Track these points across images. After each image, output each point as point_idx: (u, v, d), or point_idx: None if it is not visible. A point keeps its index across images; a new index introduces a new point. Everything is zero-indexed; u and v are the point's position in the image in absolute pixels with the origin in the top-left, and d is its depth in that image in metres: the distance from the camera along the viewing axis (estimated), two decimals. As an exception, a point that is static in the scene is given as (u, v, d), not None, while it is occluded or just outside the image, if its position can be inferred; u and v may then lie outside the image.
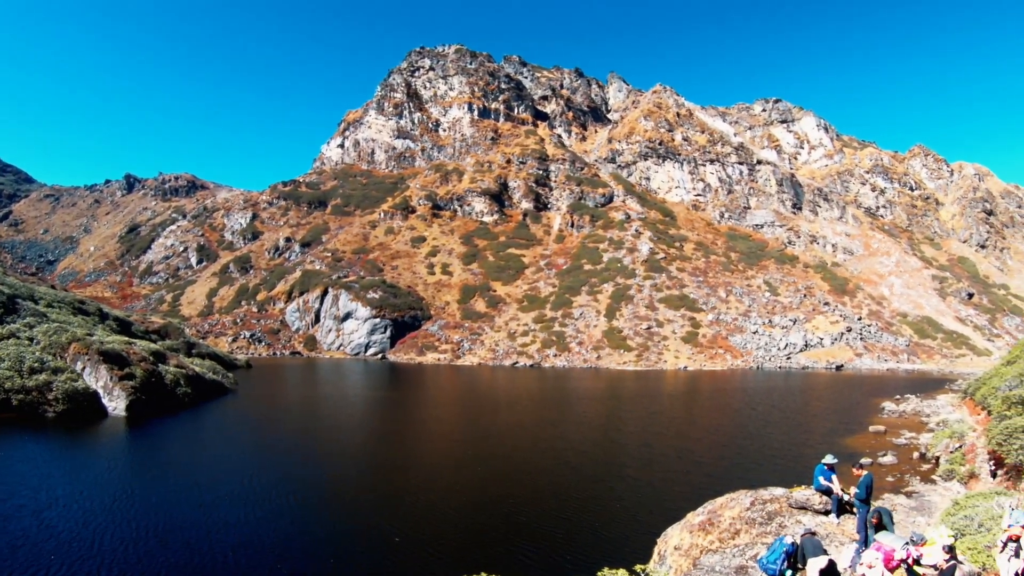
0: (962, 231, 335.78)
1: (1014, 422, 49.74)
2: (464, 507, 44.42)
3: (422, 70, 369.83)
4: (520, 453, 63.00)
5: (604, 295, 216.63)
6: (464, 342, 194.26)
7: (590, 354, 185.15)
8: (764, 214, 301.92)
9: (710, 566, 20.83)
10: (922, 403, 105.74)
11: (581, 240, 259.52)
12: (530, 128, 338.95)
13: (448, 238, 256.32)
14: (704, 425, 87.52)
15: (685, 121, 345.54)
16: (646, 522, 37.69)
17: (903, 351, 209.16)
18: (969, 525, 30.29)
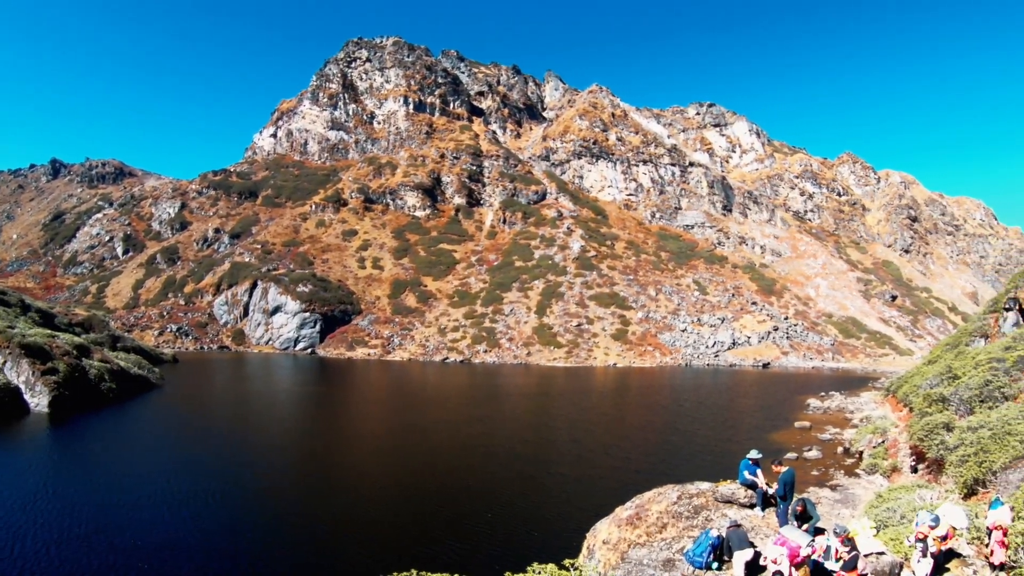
0: (887, 236, 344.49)
1: (935, 419, 51.81)
2: (393, 505, 44.41)
3: (359, 61, 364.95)
4: (449, 450, 63.05)
5: (535, 292, 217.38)
6: (394, 337, 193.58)
7: (520, 350, 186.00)
8: (695, 215, 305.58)
9: (638, 559, 21.25)
10: (846, 400, 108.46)
11: (513, 237, 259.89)
12: (465, 124, 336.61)
13: (380, 232, 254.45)
14: (633, 422, 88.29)
15: (620, 122, 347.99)
16: (575, 517, 37.98)
17: (828, 350, 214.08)
18: (892, 517, 31.82)
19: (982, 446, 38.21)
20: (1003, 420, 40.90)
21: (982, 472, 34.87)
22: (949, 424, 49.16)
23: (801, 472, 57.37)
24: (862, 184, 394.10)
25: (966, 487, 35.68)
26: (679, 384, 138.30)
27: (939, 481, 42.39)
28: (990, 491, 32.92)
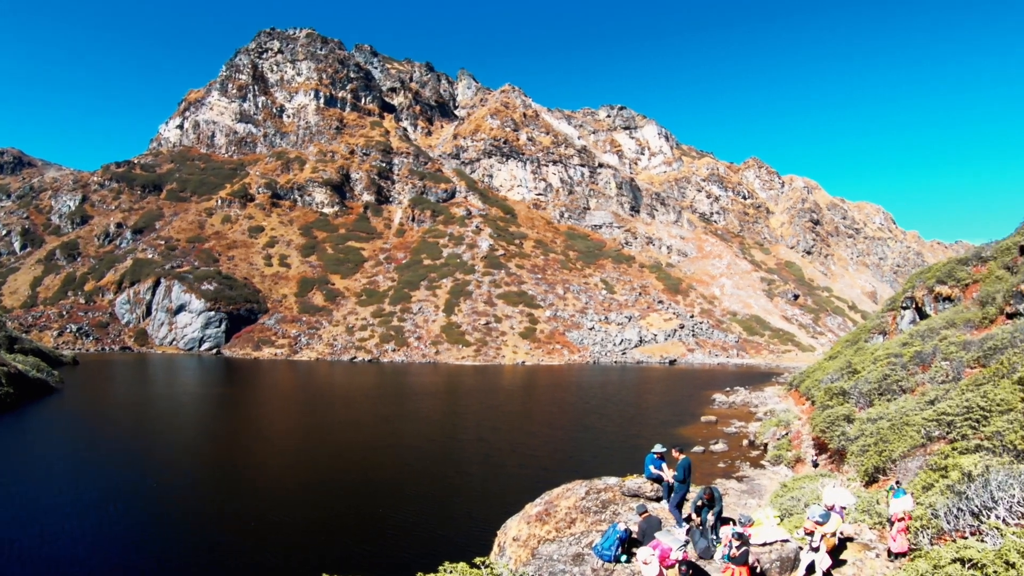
0: (790, 238, 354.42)
1: (835, 411, 53.31)
2: (301, 508, 44.02)
3: (270, 52, 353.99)
4: (357, 451, 62.74)
5: (443, 290, 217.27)
6: (302, 336, 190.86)
7: (429, 349, 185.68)
8: (603, 215, 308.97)
9: (548, 555, 21.39)
10: (751, 395, 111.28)
11: (421, 235, 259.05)
12: (376, 120, 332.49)
13: (287, 229, 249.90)
14: (541, 419, 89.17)
15: (531, 122, 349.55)
16: (486, 515, 38.18)
17: (733, 347, 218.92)
18: (796, 505, 32.47)
19: (881, 436, 39.32)
20: (901, 412, 42.16)
21: (882, 461, 35.89)
22: (850, 416, 50.61)
23: (708, 464, 58.47)
24: (767, 188, 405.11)
25: (867, 475, 36.69)
26: (587, 381, 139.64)
27: (841, 470, 43.58)
28: (890, 478, 33.85)
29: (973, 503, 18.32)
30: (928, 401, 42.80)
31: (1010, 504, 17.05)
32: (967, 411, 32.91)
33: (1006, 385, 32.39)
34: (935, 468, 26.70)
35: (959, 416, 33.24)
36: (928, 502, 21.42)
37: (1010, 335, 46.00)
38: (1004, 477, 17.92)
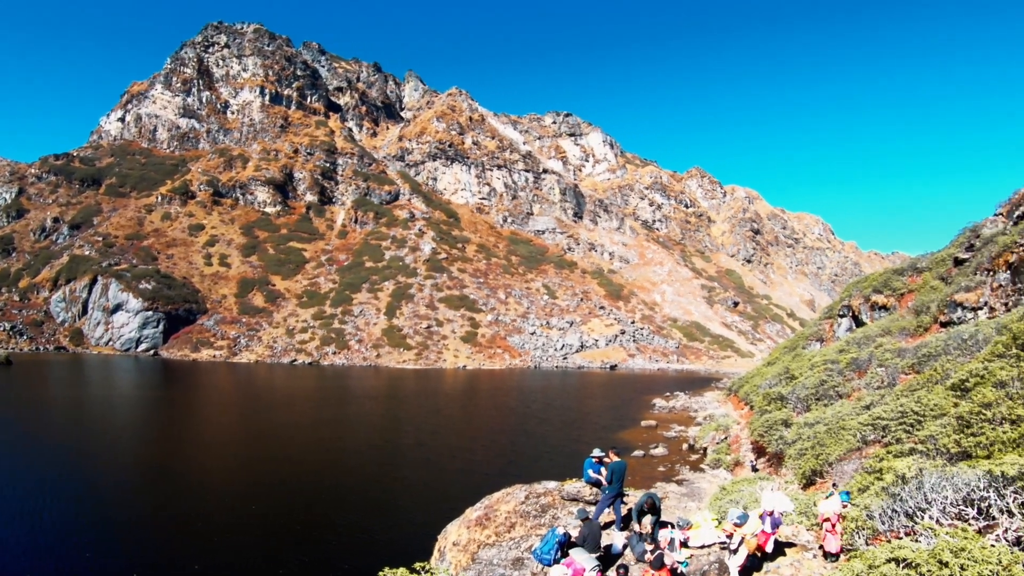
0: (731, 246, 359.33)
1: (773, 416, 54.26)
2: (239, 515, 43.95)
3: (217, 46, 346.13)
4: (296, 456, 62.60)
5: (385, 293, 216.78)
6: (241, 338, 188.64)
7: (370, 352, 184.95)
8: (546, 221, 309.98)
9: (488, 560, 21.46)
10: (690, 400, 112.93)
11: (364, 237, 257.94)
12: (321, 119, 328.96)
13: (228, 228, 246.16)
14: (482, 424, 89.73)
15: (477, 126, 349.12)
16: (426, 520, 37.84)
17: (673, 352, 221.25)
18: (735, 507, 32.94)
19: (818, 440, 40.03)
20: (837, 416, 42.99)
21: (819, 464, 36.55)
22: (787, 421, 51.47)
23: (648, 468, 59.03)
24: (709, 197, 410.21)
25: (804, 478, 37.32)
26: (528, 386, 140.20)
27: (779, 473, 44.29)
28: (827, 481, 34.39)
29: (907, 504, 18.66)
30: (864, 406, 43.63)
31: (943, 505, 17.37)
32: (902, 416, 33.58)
33: (939, 391, 33.13)
34: (870, 471, 27.21)
35: (894, 420, 33.91)
36: (864, 504, 21.81)
37: (944, 343, 47.10)
38: (937, 479, 18.25)
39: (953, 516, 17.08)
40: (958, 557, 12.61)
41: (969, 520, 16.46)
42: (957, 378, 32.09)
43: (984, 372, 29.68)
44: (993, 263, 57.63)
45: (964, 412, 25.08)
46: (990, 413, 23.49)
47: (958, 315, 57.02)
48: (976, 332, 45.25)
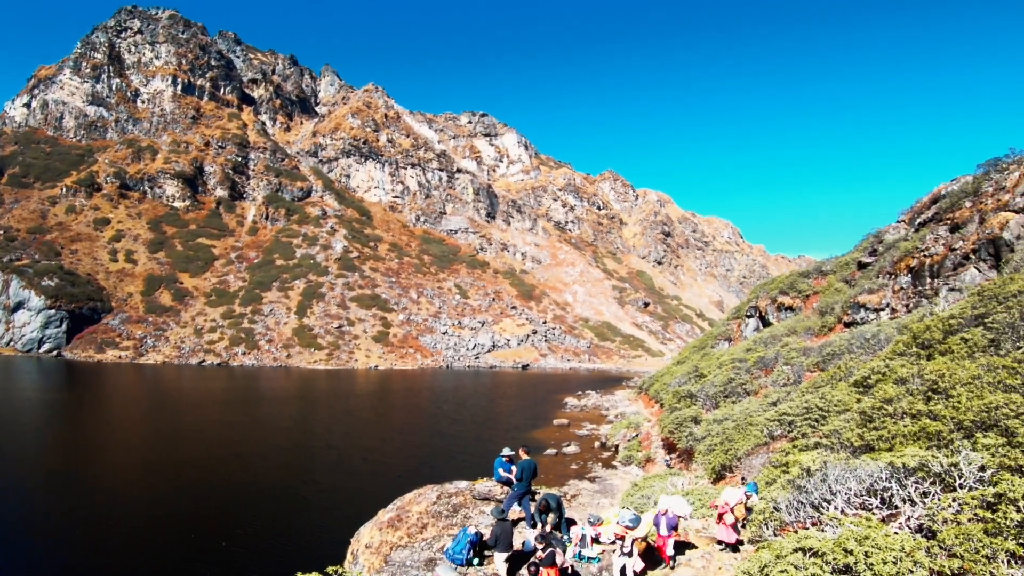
0: (642, 248, 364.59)
1: (683, 413, 55.30)
2: (145, 523, 42.95)
3: (130, 32, 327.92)
4: (204, 461, 61.24)
5: (296, 292, 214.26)
6: (147, 338, 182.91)
7: (280, 352, 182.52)
8: (459, 220, 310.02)
9: (401, 561, 21.36)
10: (602, 398, 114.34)
11: (275, 234, 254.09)
12: (234, 111, 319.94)
13: (135, 222, 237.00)
14: (394, 425, 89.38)
15: (392, 123, 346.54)
16: (340, 524, 37.59)
17: (585, 352, 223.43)
18: (646, 503, 33.66)
19: (727, 436, 40.93)
20: (745, 413, 43.98)
21: (728, 459, 37.37)
22: (697, 418, 52.58)
23: (561, 467, 59.51)
24: (621, 200, 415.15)
25: (714, 473, 38.15)
26: (440, 386, 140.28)
27: (690, 469, 44.98)
28: (736, 475, 35.19)
29: (812, 496, 19.12)
30: (771, 403, 44.74)
31: (848, 496, 17.85)
32: (807, 411, 34.50)
33: (843, 387, 34.14)
34: (777, 464, 27.92)
35: (799, 416, 34.81)
36: (771, 496, 22.33)
37: (847, 342, 48.58)
38: (841, 472, 18.73)
39: (857, 506, 17.58)
40: (862, 545, 12.99)
41: (872, 510, 16.98)
42: (860, 375, 33.12)
43: (886, 369, 30.68)
44: (895, 267, 59.86)
45: (867, 407, 25.86)
46: (891, 408, 24.27)
47: (861, 316, 58.98)
48: (878, 332, 46.75)
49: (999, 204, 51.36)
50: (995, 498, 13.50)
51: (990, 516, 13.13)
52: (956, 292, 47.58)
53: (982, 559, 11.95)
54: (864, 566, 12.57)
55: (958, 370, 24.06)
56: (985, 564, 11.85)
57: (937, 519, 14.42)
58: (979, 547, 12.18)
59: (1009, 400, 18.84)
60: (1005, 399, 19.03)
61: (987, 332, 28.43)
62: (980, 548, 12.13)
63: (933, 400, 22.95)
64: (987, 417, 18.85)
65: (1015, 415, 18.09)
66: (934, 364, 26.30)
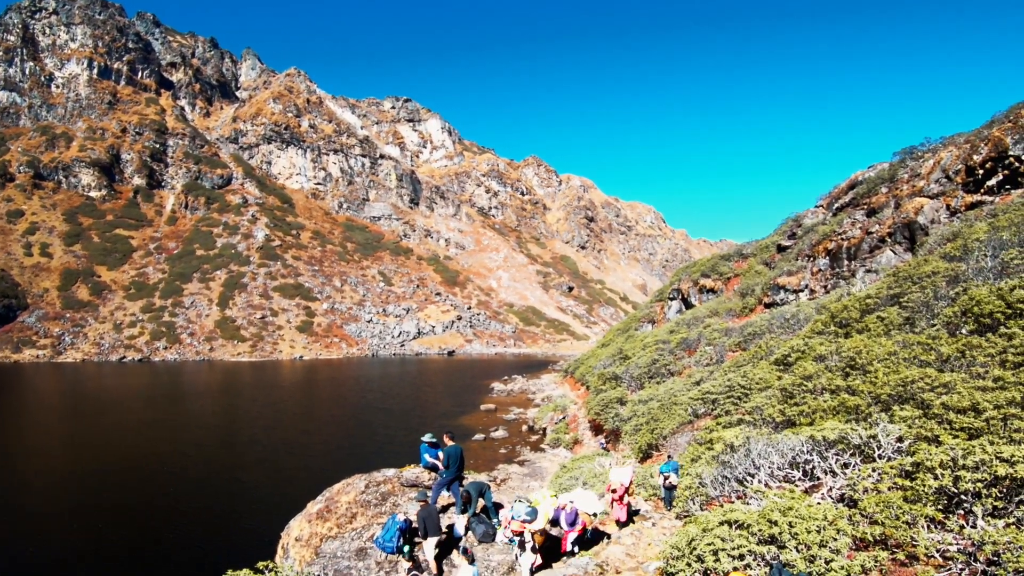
0: (566, 233, 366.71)
1: (608, 395, 55.92)
2: (68, 528, 41.88)
3: (45, 12, 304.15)
4: (125, 463, 59.63)
5: (217, 283, 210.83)
6: (66, 336, 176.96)
7: (203, 346, 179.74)
8: (382, 207, 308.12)
9: (331, 552, 21.15)
10: (528, 382, 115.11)
11: (195, 223, 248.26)
12: (152, 96, 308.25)
13: (50, 214, 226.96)
14: (320, 416, 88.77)
15: (315, 108, 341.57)
16: (271, 519, 36.94)
17: (510, 337, 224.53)
18: (575, 484, 33.77)
19: (653, 416, 41.50)
20: (670, 393, 44.69)
21: (654, 438, 37.92)
22: (623, 399, 53.23)
23: (490, 451, 59.77)
24: (545, 185, 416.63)
25: (641, 452, 38.70)
26: (366, 375, 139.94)
27: (617, 449, 45.39)
28: (662, 453, 35.77)
29: (737, 471, 19.53)
30: (694, 382, 45.51)
31: (771, 469, 18.23)
32: (729, 390, 35.21)
33: (764, 366, 34.88)
34: (701, 442, 28.45)
35: (722, 394, 35.51)
36: (696, 472, 22.74)
37: (768, 322, 49.69)
38: (764, 446, 19.12)
39: (781, 479, 17.99)
40: (786, 516, 13.30)
41: (795, 482, 17.41)
42: (780, 354, 33.87)
43: (805, 348, 31.44)
44: (813, 249, 61.60)
45: (787, 384, 26.43)
46: (811, 384, 24.85)
47: (781, 297, 60.45)
48: (798, 312, 47.93)
49: (914, 190, 53.66)
50: (913, 467, 13.96)
51: (909, 484, 13.56)
52: (872, 273, 49.21)
53: (902, 525, 12.37)
54: (789, 536, 12.89)
55: (875, 347, 24.76)
56: (905, 530, 12.25)
57: (858, 488, 14.87)
58: (899, 513, 12.60)
59: (924, 375, 19.46)
60: (920, 373, 19.65)
61: (902, 311, 29.39)
62: (900, 515, 12.55)
63: (851, 376, 23.58)
64: (903, 391, 19.44)
65: (930, 388, 18.70)
66: (852, 342, 27.02)
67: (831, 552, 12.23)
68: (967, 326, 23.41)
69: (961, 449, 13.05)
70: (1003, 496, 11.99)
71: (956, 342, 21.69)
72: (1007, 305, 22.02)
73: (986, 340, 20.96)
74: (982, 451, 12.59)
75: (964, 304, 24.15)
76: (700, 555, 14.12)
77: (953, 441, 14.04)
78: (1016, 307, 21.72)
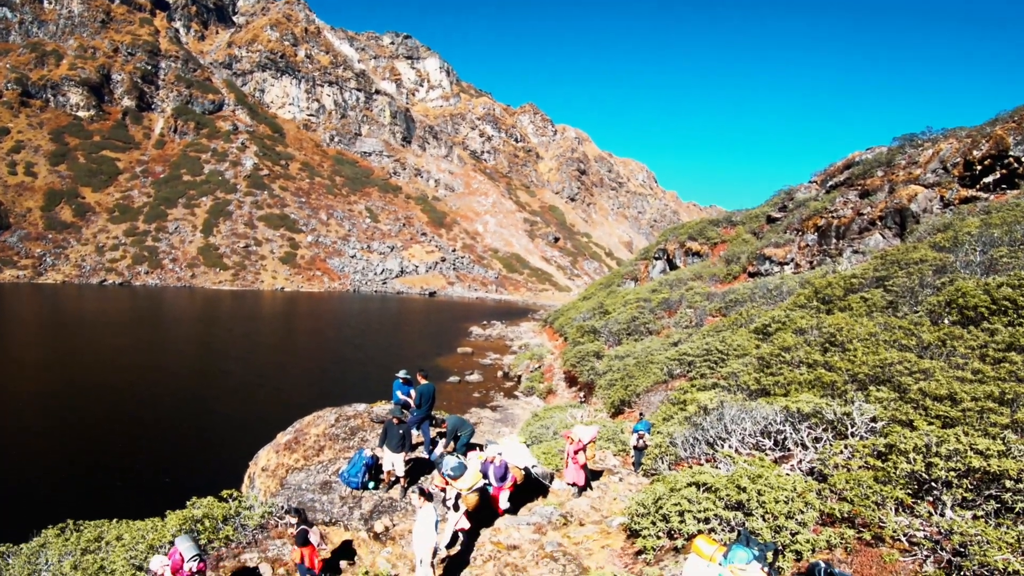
0: (556, 184, 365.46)
1: (586, 347, 56.34)
2: (40, 451, 42.06)
3: None
4: (98, 386, 59.96)
5: (202, 209, 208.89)
6: (47, 256, 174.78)
7: (184, 272, 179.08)
8: (374, 143, 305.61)
9: (296, 484, 21.13)
10: (507, 329, 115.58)
11: (183, 148, 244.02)
12: (147, 16, 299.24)
13: (36, 133, 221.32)
14: (296, 349, 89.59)
15: (312, 38, 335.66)
16: (240, 449, 34.76)
17: (492, 282, 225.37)
18: (545, 433, 33.99)
19: (628, 372, 41.69)
20: (647, 351, 44.84)
21: (628, 394, 38.08)
22: (599, 353, 53.53)
23: (463, 394, 60.09)
24: (539, 134, 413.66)
25: (613, 407, 38.88)
26: (346, 310, 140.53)
27: (590, 402, 45.61)
28: (634, 410, 35.94)
29: (708, 434, 19.56)
30: (672, 343, 45.70)
31: (742, 436, 18.23)
32: (707, 353, 35.32)
33: (743, 333, 35.00)
34: (675, 402, 28.54)
35: (699, 357, 35.65)
36: (667, 431, 22.79)
37: (751, 291, 49.96)
38: (737, 412, 19.12)
39: (751, 446, 17.98)
40: (755, 483, 13.27)
41: (766, 450, 17.41)
42: (760, 323, 33.98)
43: (786, 319, 31.53)
44: (803, 224, 62.09)
45: (765, 353, 26.47)
46: (789, 356, 24.87)
47: (766, 267, 60.87)
48: (781, 284, 48.14)
49: (910, 177, 54.18)
50: (886, 448, 13.95)
51: (880, 465, 13.49)
52: (859, 255, 49.79)
53: (872, 504, 12.35)
54: (756, 504, 12.88)
55: (856, 326, 24.83)
56: (875, 510, 12.24)
57: (828, 464, 14.84)
58: (869, 493, 12.54)
59: (904, 358, 19.49)
60: (900, 357, 19.67)
61: (887, 294, 29.56)
62: (870, 494, 12.52)
63: (830, 352, 23.64)
64: (881, 372, 19.46)
65: (908, 373, 18.73)
66: (833, 319, 27.12)
67: (797, 524, 12.24)
68: (950, 316, 23.50)
69: (936, 436, 13.02)
70: (973, 488, 11.99)
71: (938, 331, 21.75)
72: (992, 301, 22.09)
73: (968, 332, 21.00)
74: (957, 441, 12.56)
75: (950, 295, 24.22)
76: (666, 515, 14.13)
77: (928, 428, 14.01)
78: (1001, 304, 21.78)
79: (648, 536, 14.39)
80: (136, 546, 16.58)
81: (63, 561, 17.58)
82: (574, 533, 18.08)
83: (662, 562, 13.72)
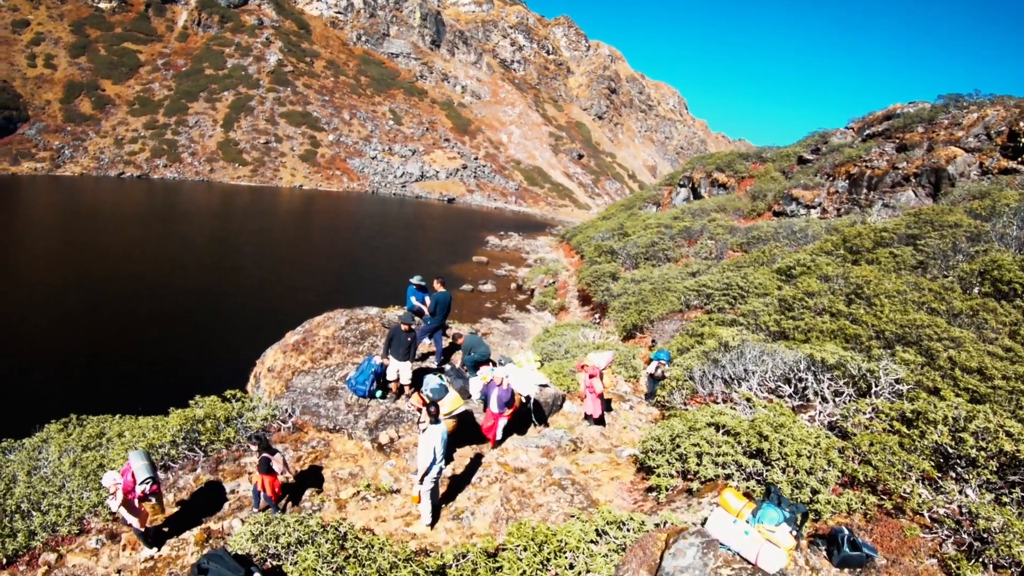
0: (585, 100, 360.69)
1: (602, 267, 56.21)
2: (47, 344, 42.31)
3: None
4: (111, 279, 60.04)
5: (223, 104, 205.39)
6: (66, 149, 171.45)
7: (203, 166, 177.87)
8: (402, 44, 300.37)
9: (302, 387, 20.86)
10: (523, 241, 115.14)
11: (206, 42, 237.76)
12: None
13: (56, 24, 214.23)
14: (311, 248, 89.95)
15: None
16: (246, 348, 33.89)
17: (512, 193, 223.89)
18: (556, 351, 34.07)
19: (643, 297, 41.55)
20: (664, 278, 44.58)
21: (641, 320, 37.99)
22: (615, 274, 53.43)
23: (476, 303, 60.31)
24: (572, 48, 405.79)
25: (625, 331, 38.89)
26: (363, 212, 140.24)
27: (602, 323, 45.56)
28: (647, 336, 35.70)
29: (727, 371, 19.36)
30: (690, 272, 45.45)
31: (762, 378, 17.98)
32: (727, 287, 34.99)
33: (765, 272, 34.59)
34: (693, 334, 28.30)
35: (718, 291, 35.33)
36: (685, 364, 22.50)
37: (774, 230, 49.60)
38: (759, 352, 18.88)
39: (769, 390, 17.76)
40: (777, 432, 13.04)
41: (785, 397, 17.15)
42: (784, 264, 33.56)
43: (811, 264, 31.13)
44: (835, 170, 61.78)
45: (788, 296, 26.16)
46: (812, 302, 24.57)
47: (792, 208, 60.62)
48: (807, 227, 47.74)
49: (951, 138, 53.41)
50: (912, 414, 13.60)
51: (906, 432, 13.20)
52: (889, 208, 49.57)
53: (897, 473, 12.08)
54: (778, 455, 12.66)
55: (885, 281, 24.45)
56: (900, 480, 11.96)
57: (850, 421, 14.54)
58: (895, 460, 12.26)
59: (933, 322, 19.21)
60: (930, 320, 19.31)
61: (917, 253, 29.11)
62: (896, 462, 12.22)
63: (855, 304, 23.26)
64: (908, 333, 19.16)
65: (937, 338, 18.42)
66: (860, 270, 26.74)
67: (819, 482, 12.02)
68: (982, 287, 23.04)
69: (965, 411, 12.72)
70: (998, 471, 11.78)
71: (970, 300, 21.35)
72: (1028, 278, 21.65)
73: (1001, 307, 20.61)
74: (986, 419, 12.26)
75: (984, 264, 23.76)
76: (683, 454, 13.98)
77: (956, 400, 13.69)
78: (1037, 283, 21.36)
79: (662, 475, 14.22)
80: (136, 444, 16.62)
81: (63, 458, 17.64)
82: (583, 460, 18.05)
83: (674, 503, 13.44)
